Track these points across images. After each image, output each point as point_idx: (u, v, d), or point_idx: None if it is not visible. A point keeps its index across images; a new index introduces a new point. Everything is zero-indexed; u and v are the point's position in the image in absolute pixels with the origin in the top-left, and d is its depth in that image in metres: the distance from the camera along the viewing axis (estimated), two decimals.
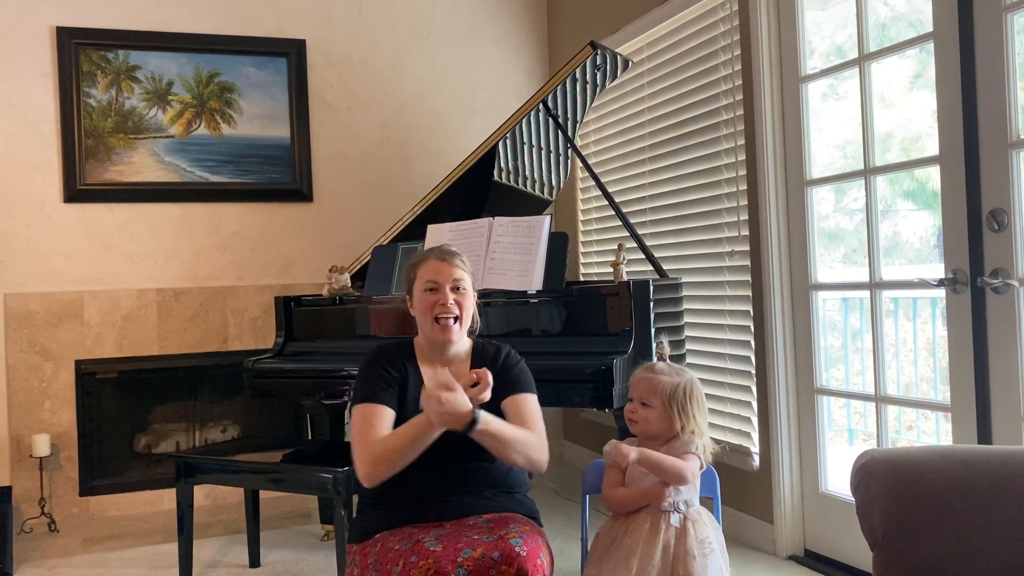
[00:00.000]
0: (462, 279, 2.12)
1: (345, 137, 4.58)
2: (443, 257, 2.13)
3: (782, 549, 3.14)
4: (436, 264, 2.12)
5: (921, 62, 3.88)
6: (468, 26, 4.82)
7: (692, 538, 1.91)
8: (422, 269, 2.13)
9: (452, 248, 2.19)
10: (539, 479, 4.35)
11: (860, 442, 4.40)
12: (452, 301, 2.08)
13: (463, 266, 2.15)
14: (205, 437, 4.38)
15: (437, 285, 2.09)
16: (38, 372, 4.04)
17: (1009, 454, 1.59)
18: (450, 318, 2.08)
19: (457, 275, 2.12)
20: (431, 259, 2.14)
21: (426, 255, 2.16)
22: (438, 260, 2.13)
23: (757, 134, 3.18)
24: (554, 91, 3.40)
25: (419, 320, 2.12)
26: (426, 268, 2.12)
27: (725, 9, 3.37)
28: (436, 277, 2.10)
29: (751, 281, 3.26)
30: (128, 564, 3.42)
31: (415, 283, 2.13)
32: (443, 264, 2.12)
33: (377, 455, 1.93)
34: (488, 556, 1.78)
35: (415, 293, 2.13)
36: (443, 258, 2.13)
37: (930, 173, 3.53)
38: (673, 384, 2.01)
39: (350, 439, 2.02)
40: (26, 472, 3.98)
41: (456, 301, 2.09)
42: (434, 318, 2.08)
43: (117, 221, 4.21)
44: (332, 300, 3.43)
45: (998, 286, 2.32)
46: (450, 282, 2.10)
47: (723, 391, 3.47)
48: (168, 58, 4.28)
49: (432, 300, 2.08)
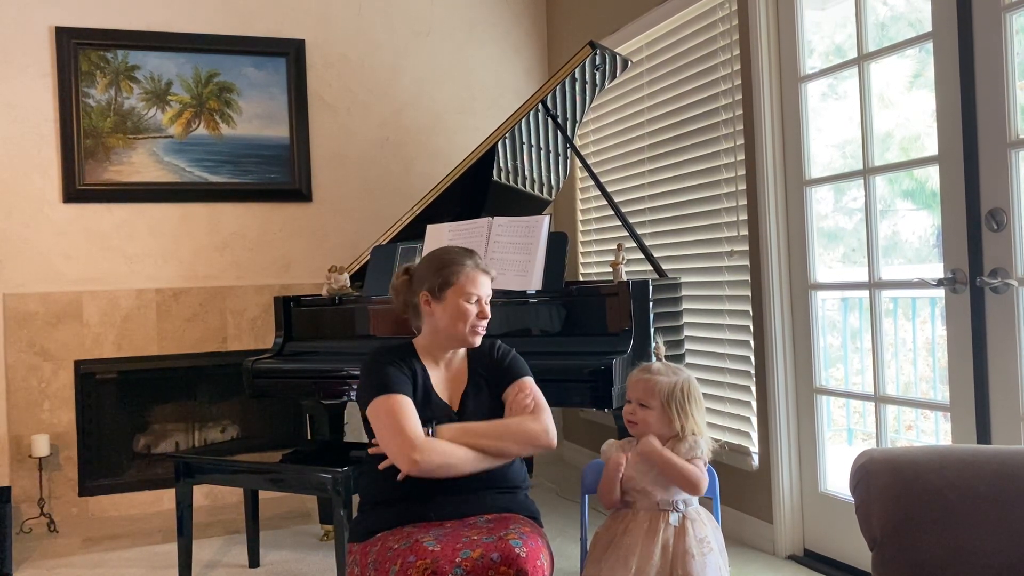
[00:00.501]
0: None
1: (344, 137, 4.58)
2: (486, 270, 2.16)
3: (781, 549, 3.14)
4: (480, 276, 2.13)
5: (920, 62, 3.88)
6: (467, 26, 4.82)
7: (691, 537, 1.92)
8: (464, 277, 2.11)
9: (482, 257, 2.22)
10: (539, 479, 4.35)
11: (859, 442, 4.40)
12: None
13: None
14: (204, 437, 4.38)
15: (479, 297, 2.12)
16: (37, 372, 4.04)
17: (1008, 454, 1.59)
18: (483, 328, 2.13)
19: (490, 289, 2.18)
20: (476, 270, 2.13)
21: (464, 261, 2.13)
22: (483, 273, 2.15)
23: (756, 134, 3.18)
24: (553, 91, 3.40)
25: (447, 322, 2.10)
26: (469, 278, 2.11)
27: (724, 9, 3.37)
28: (480, 291, 2.12)
29: (750, 281, 3.26)
30: (127, 564, 3.41)
31: (451, 288, 2.10)
32: (486, 277, 2.15)
33: (441, 448, 1.94)
34: (487, 557, 1.78)
35: (448, 297, 2.10)
36: (486, 271, 2.16)
37: (929, 173, 3.53)
38: (670, 384, 2.01)
39: (380, 431, 1.99)
40: (25, 472, 3.97)
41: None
42: (470, 327, 2.11)
43: (116, 221, 4.20)
44: (331, 300, 3.43)
45: (997, 286, 2.32)
46: (487, 296, 2.15)
47: (722, 391, 3.47)
48: (167, 58, 4.28)
49: (472, 311, 2.10)
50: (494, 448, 2.00)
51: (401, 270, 2.23)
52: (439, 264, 2.14)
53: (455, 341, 2.13)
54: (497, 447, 2.00)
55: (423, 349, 2.16)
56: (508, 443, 2.01)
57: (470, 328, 2.10)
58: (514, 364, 2.18)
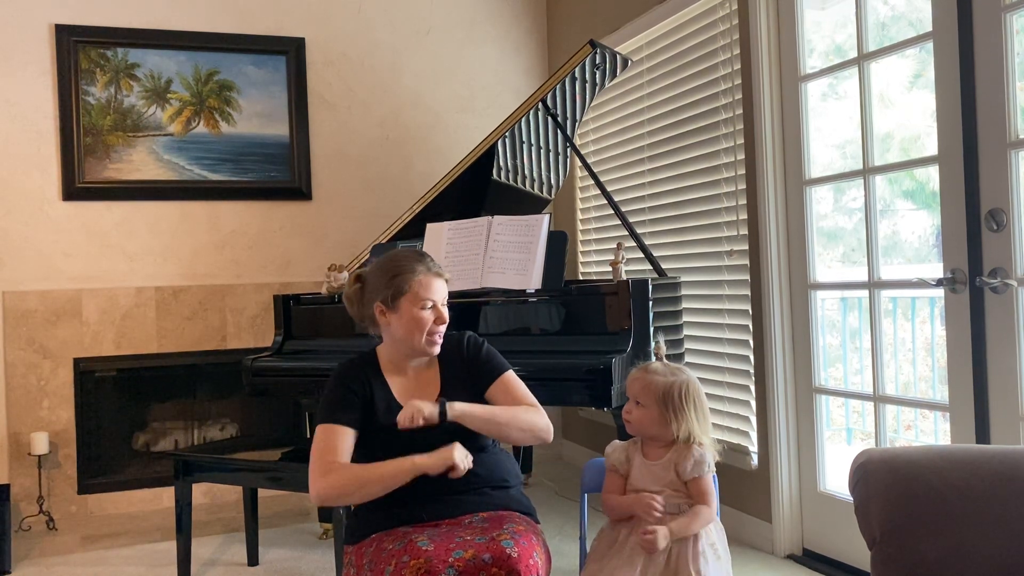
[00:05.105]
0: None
1: (344, 135, 4.58)
2: (439, 273, 2.07)
3: (780, 548, 3.14)
4: (433, 281, 2.04)
5: (920, 62, 3.88)
6: (467, 24, 4.82)
7: (700, 541, 1.90)
8: (416, 284, 2.01)
9: (433, 259, 2.12)
10: (538, 477, 4.35)
11: (858, 441, 4.40)
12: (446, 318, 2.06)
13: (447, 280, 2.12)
14: (204, 435, 4.38)
15: (435, 303, 2.04)
16: (36, 370, 4.04)
17: (1007, 454, 1.59)
18: (441, 335, 2.07)
19: (446, 292, 2.08)
20: (428, 274, 2.03)
21: (415, 267, 2.03)
22: (435, 276, 2.05)
23: (756, 133, 3.18)
24: (553, 90, 3.40)
25: (403, 333, 2.02)
26: (422, 284, 2.02)
27: (724, 8, 3.37)
28: (435, 296, 2.03)
29: (750, 280, 3.26)
30: (126, 562, 3.42)
31: (404, 296, 2.01)
32: (440, 281, 2.06)
33: (340, 480, 1.91)
34: (479, 558, 1.77)
35: (403, 306, 2.01)
36: (439, 274, 2.07)
37: (929, 173, 3.53)
38: (667, 384, 1.97)
39: (310, 456, 1.98)
40: (24, 470, 3.97)
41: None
42: (427, 336, 2.04)
43: (116, 219, 4.20)
44: (331, 298, 3.43)
45: (996, 286, 2.32)
46: (443, 300, 2.06)
47: (722, 390, 3.47)
48: (167, 56, 4.28)
49: (429, 317, 2.02)
50: (505, 430, 2.00)
51: (353, 277, 2.12)
52: (390, 272, 2.03)
53: (414, 352, 2.06)
54: (510, 432, 2.01)
55: (386, 360, 2.10)
56: (513, 429, 2.01)
57: (427, 338, 2.03)
58: (491, 360, 2.11)
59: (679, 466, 1.94)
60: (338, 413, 2.00)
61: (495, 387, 2.08)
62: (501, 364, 2.12)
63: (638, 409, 2.00)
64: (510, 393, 2.08)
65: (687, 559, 1.86)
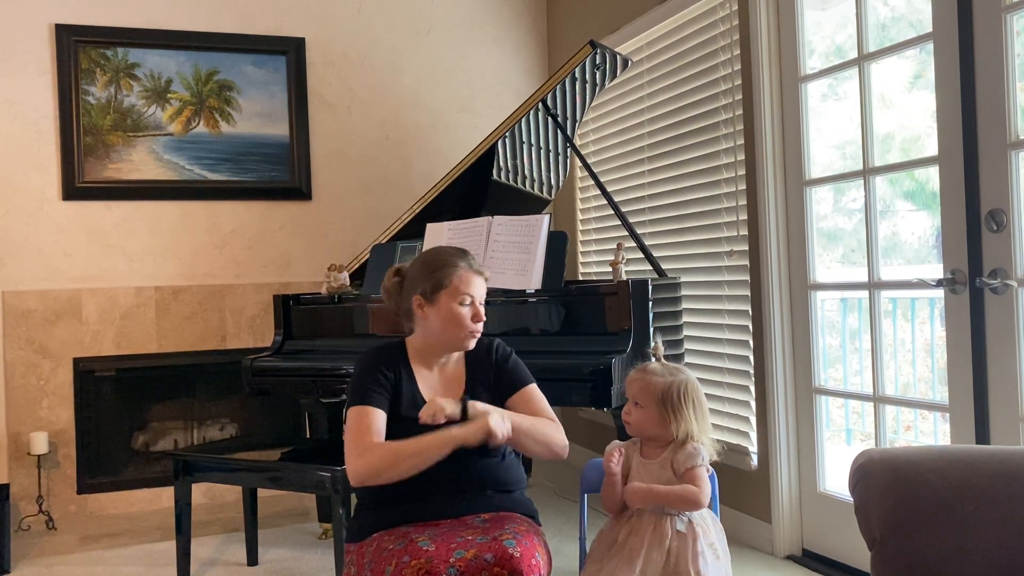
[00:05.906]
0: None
1: (344, 135, 4.58)
2: (479, 271, 2.10)
3: (780, 549, 3.14)
4: (474, 277, 2.07)
5: (921, 62, 3.88)
6: (467, 25, 4.82)
7: (701, 541, 1.90)
8: (457, 279, 2.04)
9: (475, 257, 2.15)
10: (538, 478, 4.35)
11: (858, 442, 4.40)
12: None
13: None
14: (203, 435, 4.38)
15: (473, 299, 2.06)
16: (36, 370, 4.04)
17: (1007, 454, 1.59)
18: (478, 331, 2.08)
19: (485, 290, 2.11)
20: (469, 271, 2.07)
21: (457, 263, 2.07)
22: (476, 274, 2.08)
23: (756, 134, 3.18)
24: (553, 90, 3.40)
25: (440, 326, 2.05)
26: (463, 280, 2.05)
27: (725, 9, 3.37)
28: (474, 292, 2.06)
29: (750, 281, 3.26)
30: (126, 562, 3.41)
31: (444, 290, 2.03)
32: (480, 279, 2.09)
33: (376, 457, 1.92)
34: (481, 557, 1.77)
35: (441, 299, 2.03)
36: (480, 272, 2.09)
37: (929, 173, 3.53)
38: (666, 384, 1.97)
39: (344, 439, 2.00)
40: (24, 470, 3.97)
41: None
42: (466, 331, 2.06)
43: (116, 219, 4.20)
44: (331, 299, 3.43)
45: (997, 286, 2.32)
46: (481, 297, 2.09)
47: (721, 390, 3.47)
48: (167, 56, 4.28)
49: (467, 313, 2.05)
50: (521, 434, 1.99)
51: (392, 271, 2.16)
52: (432, 266, 2.07)
53: (449, 346, 2.09)
54: (528, 443, 2.01)
55: (415, 352, 2.12)
56: (531, 440, 2.01)
57: (466, 332, 2.05)
58: (517, 370, 2.13)
59: (674, 462, 1.94)
60: (371, 395, 2.01)
61: (517, 397, 2.09)
62: (527, 376, 2.14)
63: (637, 410, 2.00)
64: (531, 405, 2.08)
65: (687, 559, 1.86)
